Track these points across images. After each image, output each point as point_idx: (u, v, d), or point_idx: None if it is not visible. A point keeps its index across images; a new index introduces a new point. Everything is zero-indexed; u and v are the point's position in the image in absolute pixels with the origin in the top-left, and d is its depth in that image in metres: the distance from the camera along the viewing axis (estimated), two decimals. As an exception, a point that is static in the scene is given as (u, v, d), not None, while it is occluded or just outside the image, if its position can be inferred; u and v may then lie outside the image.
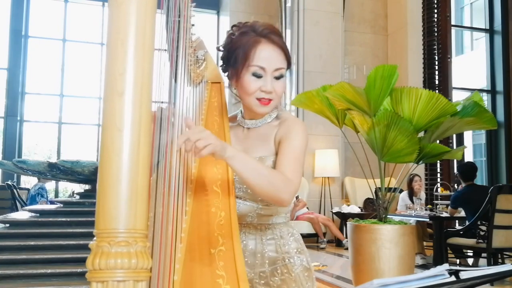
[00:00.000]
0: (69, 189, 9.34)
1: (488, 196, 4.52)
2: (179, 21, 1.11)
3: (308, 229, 6.82)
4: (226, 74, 1.35)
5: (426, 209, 6.02)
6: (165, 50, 1.07)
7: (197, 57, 1.37)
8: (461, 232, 4.98)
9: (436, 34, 8.29)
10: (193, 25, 1.25)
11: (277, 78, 1.27)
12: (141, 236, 0.69)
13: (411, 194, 6.17)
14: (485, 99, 8.95)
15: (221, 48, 1.34)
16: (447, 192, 6.83)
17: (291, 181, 1.17)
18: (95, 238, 0.68)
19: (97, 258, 0.66)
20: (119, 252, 0.66)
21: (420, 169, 6.97)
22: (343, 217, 7.00)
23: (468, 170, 5.23)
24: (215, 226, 1.12)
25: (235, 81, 1.29)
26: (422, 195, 6.37)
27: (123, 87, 0.68)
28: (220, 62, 1.36)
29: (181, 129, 1.09)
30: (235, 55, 1.26)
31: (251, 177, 1.10)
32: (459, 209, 5.31)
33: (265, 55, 1.25)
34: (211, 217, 1.14)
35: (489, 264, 4.57)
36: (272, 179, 1.13)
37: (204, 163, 1.24)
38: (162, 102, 1.08)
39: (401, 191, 5.98)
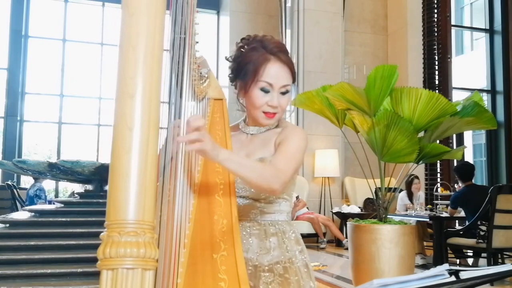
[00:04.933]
0: (69, 189, 9.34)
1: (488, 196, 4.52)
2: (184, 38, 1.14)
3: (308, 229, 6.82)
4: (234, 84, 1.44)
5: (426, 209, 6.02)
6: (170, 62, 1.10)
7: (200, 73, 1.41)
8: (461, 232, 4.97)
9: (436, 34, 8.29)
10: (197, 42, 1.29)
11: (283, 93, 1.39)
12: (149, 228, 0.72)
13: (410, 195, 6.20)
14: (485, 99, 8.95)
15: (230, 59, 1.44)
16: (447, 192, 6.82)
17: (282, 171, 1.27)
18: (105, 229, 0.71)
19: (108, 247, 0.70)
20: (128, 241, 0.70)
21: (420, 169, 6.97)
22: (343, 217, 7.00)
23: (467, 170, 5.21)
24: (217, 232, 1.16)
25: (243, 93, 1.40)
26: (421, 195, 6.39)
27: (134, 90, 0.73)
28: (228, 72, 1.45)
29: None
30: (245, 69, 1.37)
31: (244, 174, 1.18)
32: (459, 209, 5.30)
33: (273, 73, 1.36)
34: (214, 224, 1.18)
35: (489, 264, 4.57)
36: (263, 172, 1.22)
37: (207, 174, 1.30)
38: (168, 103, 1.12)
39: (400, 190, 5.99)
